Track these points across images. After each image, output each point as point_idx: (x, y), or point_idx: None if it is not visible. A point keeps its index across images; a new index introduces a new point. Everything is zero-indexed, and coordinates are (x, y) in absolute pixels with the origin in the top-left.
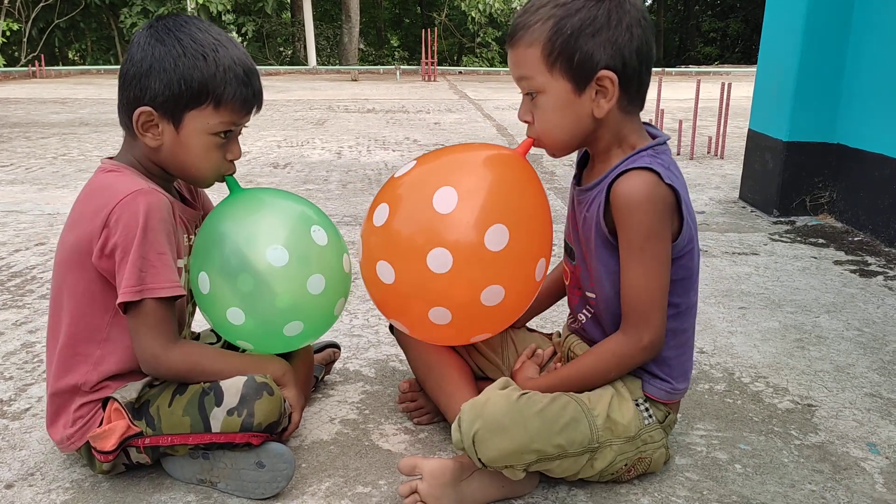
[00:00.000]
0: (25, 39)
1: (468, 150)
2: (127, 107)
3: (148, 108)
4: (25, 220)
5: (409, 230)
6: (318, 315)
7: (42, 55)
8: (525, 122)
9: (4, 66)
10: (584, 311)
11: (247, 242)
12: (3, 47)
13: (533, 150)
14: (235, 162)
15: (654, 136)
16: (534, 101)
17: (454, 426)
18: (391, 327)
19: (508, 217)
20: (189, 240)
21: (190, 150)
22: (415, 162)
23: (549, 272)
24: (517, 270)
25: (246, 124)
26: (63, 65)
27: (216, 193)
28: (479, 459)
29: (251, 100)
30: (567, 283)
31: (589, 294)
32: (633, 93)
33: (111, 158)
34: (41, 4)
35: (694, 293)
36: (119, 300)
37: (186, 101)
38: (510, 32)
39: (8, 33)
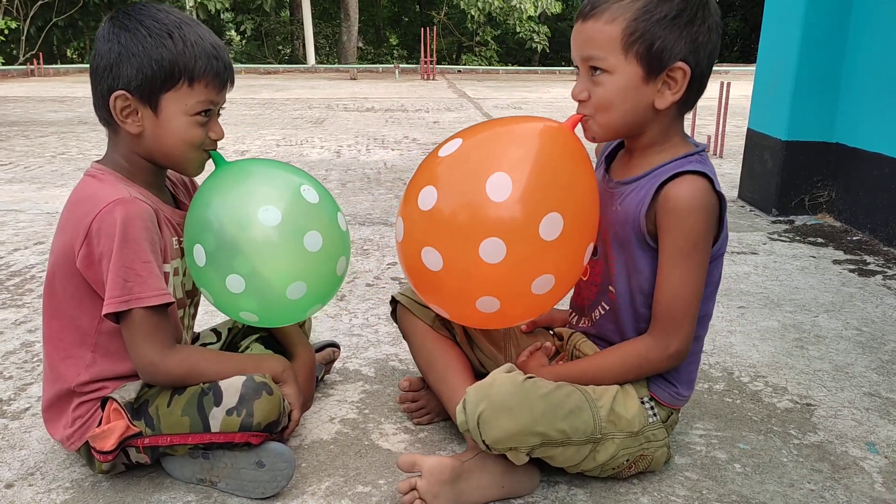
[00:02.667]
0: (24, 37)
1: (517, 123)
2: (102, 99)
3: (123, 92)
4: (24, 219)
5: (461, 218)
6: (319, 274)
7: (40, 53)
8: (579, 100)
9: (3, 64)
10: (601, 307)
11: (238, 207)
12: (1, 45)
13: None
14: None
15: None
16: (595, 80)
17: (459, 408)
18: (393, 312)
19: (563, 204)
20: (178, 242)
21: (172, 134)
22: (460, 140)
23: None
24: (568, 257)
25: (223, 104)
26: (61, 63)
27: None
28: (484, 441)
29: (223, 73)
30: (583, 280)
31: (612, 289)
32: (693, 93)
33: (99, 162)
34: (39, 3)
35: (712, 302)
36: (104, 311)
37: (161, 83)
38: (590, 2)
39: (6, 31)
